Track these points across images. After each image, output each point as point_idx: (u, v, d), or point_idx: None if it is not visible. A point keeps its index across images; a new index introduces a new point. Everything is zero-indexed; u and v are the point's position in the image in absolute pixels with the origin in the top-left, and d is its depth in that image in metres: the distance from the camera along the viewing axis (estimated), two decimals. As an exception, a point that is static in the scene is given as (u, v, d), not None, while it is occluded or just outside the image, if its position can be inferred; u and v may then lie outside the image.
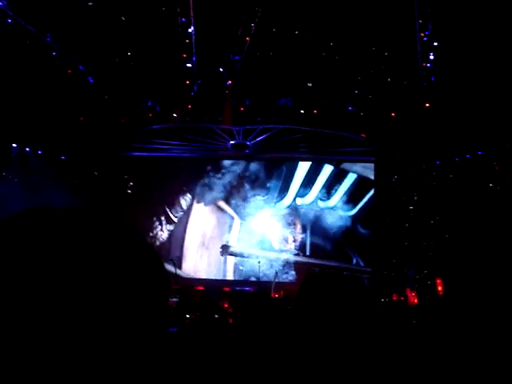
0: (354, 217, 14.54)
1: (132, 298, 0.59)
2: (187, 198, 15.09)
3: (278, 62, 11.59)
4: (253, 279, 13.98)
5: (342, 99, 13.06)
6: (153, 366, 0.61)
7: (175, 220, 14.99)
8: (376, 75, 11.94)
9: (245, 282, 13.95)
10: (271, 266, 14.17)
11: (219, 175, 15.02)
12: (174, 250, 14.69)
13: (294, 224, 14.66)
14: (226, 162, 15.07)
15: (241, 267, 14.49)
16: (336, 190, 14.65)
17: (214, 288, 13.44)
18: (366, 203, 14.56)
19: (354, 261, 14.44)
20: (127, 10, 10.41)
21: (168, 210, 15.02)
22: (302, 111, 13.15)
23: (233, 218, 14.84)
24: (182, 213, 15.05)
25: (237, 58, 11.67)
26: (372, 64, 11.64)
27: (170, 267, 12.75)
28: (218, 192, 14.97)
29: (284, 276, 14.16)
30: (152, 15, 10.50)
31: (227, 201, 14.93)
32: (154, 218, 14.92)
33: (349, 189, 14.64)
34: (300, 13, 10.52)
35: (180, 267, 14.17)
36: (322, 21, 10.62)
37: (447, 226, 13.10)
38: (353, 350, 1.26)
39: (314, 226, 14.60)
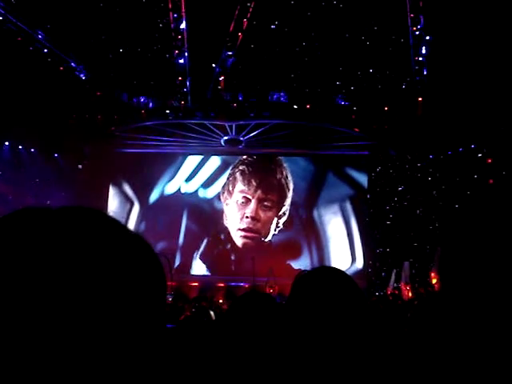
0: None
1: (130, 298, 0.59)
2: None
3: (271, 57, 11.58)
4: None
5: (335, 94, 13.08)
6: (151, 362, 0.61)
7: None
8: (369, 70, 11.95)
9: (239, 277, 13.92)
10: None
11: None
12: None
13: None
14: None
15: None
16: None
17: (208, 284, 13.44)
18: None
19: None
20: (119, 6, 10.37)
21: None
22: (295, 106, 13.15)
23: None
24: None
25: (229, 53, 11.65)
26: (365, 59, 11.65)
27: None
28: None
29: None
30: (144, 11, 10.47)
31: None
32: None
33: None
34: (293, 8, 10.51)
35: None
36: (315, 16, 10.62)
37: (439, 218, 13.16)
38: (347, 346, 1.27)
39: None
